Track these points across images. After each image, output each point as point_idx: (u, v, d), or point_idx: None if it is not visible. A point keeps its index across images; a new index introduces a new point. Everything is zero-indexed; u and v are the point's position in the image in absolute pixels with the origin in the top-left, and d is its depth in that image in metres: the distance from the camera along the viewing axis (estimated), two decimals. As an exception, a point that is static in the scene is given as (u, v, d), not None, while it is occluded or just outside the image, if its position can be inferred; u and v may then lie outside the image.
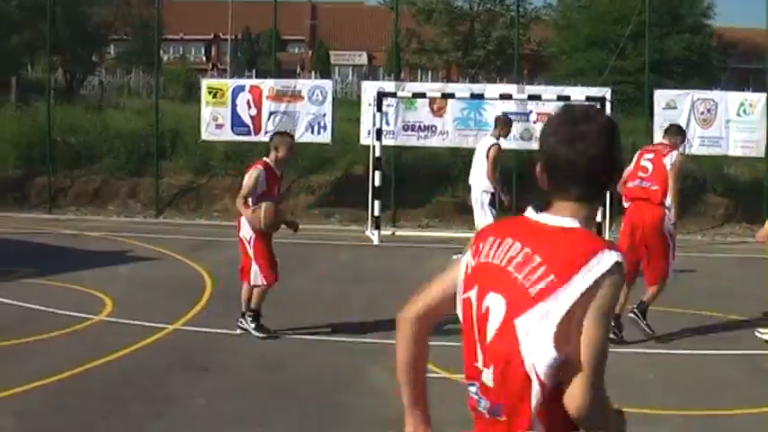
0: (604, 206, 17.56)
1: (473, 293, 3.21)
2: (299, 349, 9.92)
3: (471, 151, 20.99)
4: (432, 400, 3.54)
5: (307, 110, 20.90)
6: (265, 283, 10.23)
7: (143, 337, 10.13)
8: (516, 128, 20.10)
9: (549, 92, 20.72)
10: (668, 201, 10.71)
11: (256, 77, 29.32)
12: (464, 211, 21.34)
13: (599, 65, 32.93)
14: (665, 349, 10.22)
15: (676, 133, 11.64)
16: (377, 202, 18.63)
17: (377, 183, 18.64)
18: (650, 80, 22.23)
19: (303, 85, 21.88)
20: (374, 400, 8.12)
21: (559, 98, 19.66)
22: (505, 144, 20.32)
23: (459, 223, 20.86)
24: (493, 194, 15.16)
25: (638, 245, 10.68)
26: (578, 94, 20.11)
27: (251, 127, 20.95)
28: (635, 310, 10.70)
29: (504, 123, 15.64)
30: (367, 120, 20.13)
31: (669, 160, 10.79)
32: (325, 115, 20.93)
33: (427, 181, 22.20)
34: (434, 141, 20.93)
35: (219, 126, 21.06)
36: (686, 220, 21.01)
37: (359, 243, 18.38)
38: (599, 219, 17.59)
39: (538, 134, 15.63)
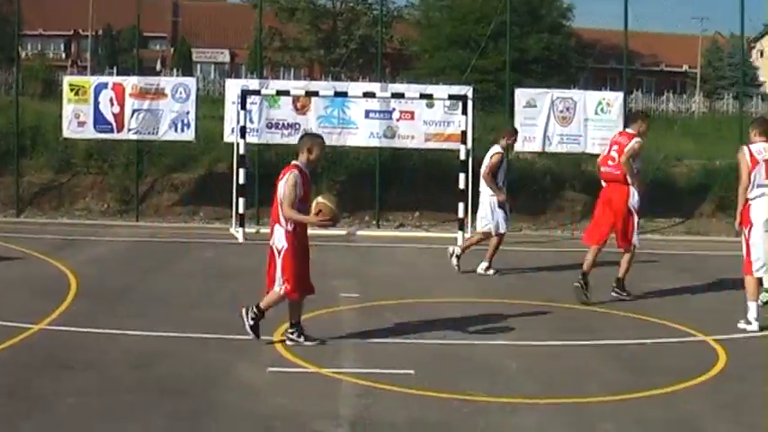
0: (466, 203, 17.91)
1: None
2: (165, 347, 9.84)
3: (335, 149, 21.22)
4: (298, 394, 3.59)
5: (170, 107, 20.68)
6: (287, 293, 9.84)
7: (8, 337, 9.90)
8: (379, 126, 20.31)
9: (411, 90, 20.91)
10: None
11: (118, 75, 28.88)
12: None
13: (461, 64, 33.40)
14: (529, 340, 10.45)
15: (635, 120, 13.55)
16: (241, 200, 18.59)
17: (241, 180, 18.60)
18: (511, 79, 22.62)
19: (167, 82, 21.63)
20: (243, 396, 8.15)
21: (422, 96, 19.90)
22: (366, 141, 20.62)
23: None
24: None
25: (610, 217, 12.90)
26: (441, 92, 20.36)
27: (114, 125, 20.63)
28: (616, 289, 13.02)
29: (510, 134, 15.92)
30: (230, 117, 20.05)
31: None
32: (188, 113, 20.74)
33: (291, 178, 22.19)
34: (298, 139, 20.85)
35: (81, 123, 20.67)
36: (547, 216, 21.50)
37: (223, 241, 18.32)
38: (460, 215, 17.95)
39: (401, 132, 16.09)
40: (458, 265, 15.12)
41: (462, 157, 18.51)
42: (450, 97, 19.67)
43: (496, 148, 15.31)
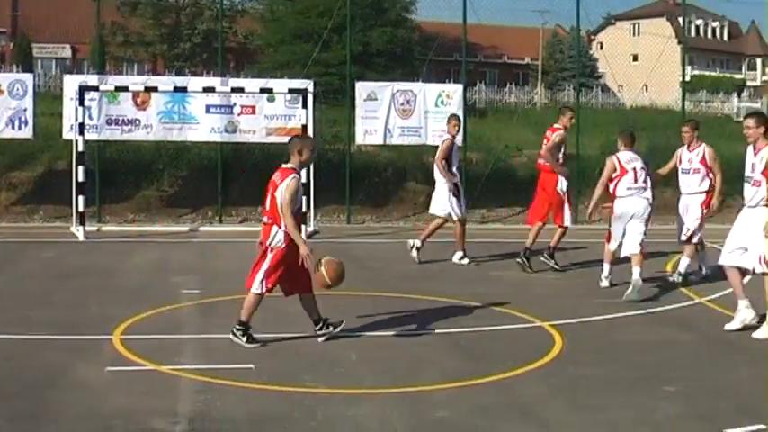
0: (308, 197, 17.90)
1: None
2: (3, 349, 9.57)
3: (177, 144, 20.99)
4: (137, 392, 3.52)
5: (6, 104, 20.16)
6: (260, 292, 9.80)
7: None
8: (220, 121, 20.15)
9: (252, 84, 20.80)
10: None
11: (-50, 71, 27.98)
12: (170, 205, 21.23)
13: (304, 57, 33.31)
14: (370, 331, 10.50)
15: (563, 114, 15.45)
16: (81, 198, 18.20)
17: (80, 178, 18.22)
18: (352, 72, 22.69)
19: (3, 78, 21.05)
20: (82, 396, 7.99)
21: (262, 90, 19.84)
22: (207, 137, 20.43)
23: (164, 217, 20.73)
24: (455, 185, 15.58)
25: (545, 201, 14.95)
26: (281, 86, 20.30)
27: (-52, 122, 20.00)
28: (545, 255, 14.97)
29: (455, 121, 16.17)
30: (69, 114, 19.62)
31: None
32: (26, 110, 20.24)
33: (132, 175, 21.91)
34: (139, 135, 20.61)
35: None
36: (389, 208, 21.65)
37: (64, 240, 17.95)
38: (304, 209, 17.92)
39: (242, 126, 16.01)
40: (418, 258, 15.34)
41: (304, 150, 18.39)
42: (291, 91, 19.65)
43: (446, 135, 15.72)
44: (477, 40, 63.36)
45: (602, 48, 77.41)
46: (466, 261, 15.34)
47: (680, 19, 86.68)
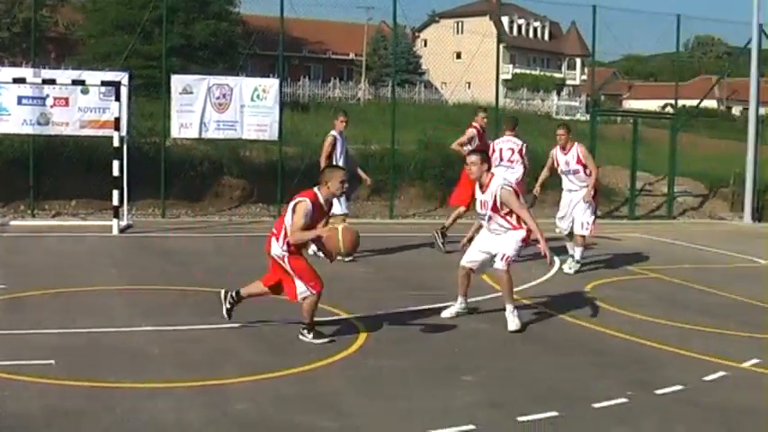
0: (121, 191, 17.61)
1: None
2: None
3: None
4: None
5: None
6: (314, 291, 9.72)
7: None
8: (32, 112, 19.64)
9: (64, 76, 20.27)
10: None
11: None
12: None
13: (126, 49, 32.74)
14: (174, 325, 10.45)
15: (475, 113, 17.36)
16: None
17: None
18: (172, 64, 22.42)
19: None
20: None
21: (75, 82, 19.41)
22: (19, 129, 19.87)
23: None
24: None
25: (469, 186, 14.57)
26: (94, 78, 19.87)
27: None
28: (438, 232, 16.68)
29: (342, 117, 15.99)
30: None
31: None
32: None
33: None
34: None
35: None
36: (205, 203, 21.49)
37: None
38: (115, 202, 17.66)
39: (55, 119, 15.64)
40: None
41: (116, 144, 18.11)
42: (104, 84, 19.27)
43: (331, 132, 15.64)
44: (302, 34, 63.46)
45: (426, 45, 78.52)
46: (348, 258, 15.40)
47: (504, 18, 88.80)
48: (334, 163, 15.20)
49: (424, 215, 21.78)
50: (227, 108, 20.41)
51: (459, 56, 62.87)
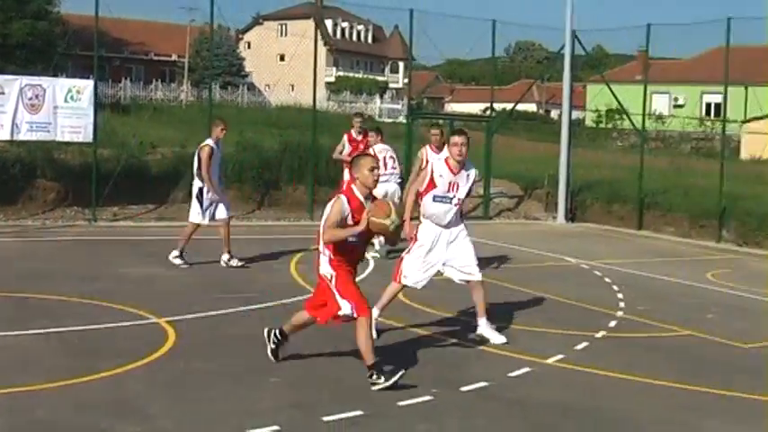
0: None
1: None
2: None
3: None
4: None
5: None
6: (358, 315, 8.85)
7: None
8: None
9: None
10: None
11: None
12: None
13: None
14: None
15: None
16: None
17: None
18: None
19: None
20: None
21: None
22: None
23: None
24: (201, 189, 15.16)
25: None
26: None
27: None
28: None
29: (221, 125, 15.40)
30: None
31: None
32: None
33: None
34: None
35: None
36: (18, 206, 20.95)
37: None
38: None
39: None
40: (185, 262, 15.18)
41: None
42: None
43: (207, 141, 15.19)
44: (123, 35, 62.52)
45: (249, 47, 78.32)
46: (235, 263, 15.22)
47: (328, 21, 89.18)
48: (208, 174, 15.04)
49: (242, 217, 21.73)
50: (39, 109, 19.88)
51: (282, 58, 62.92)
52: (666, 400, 8.95)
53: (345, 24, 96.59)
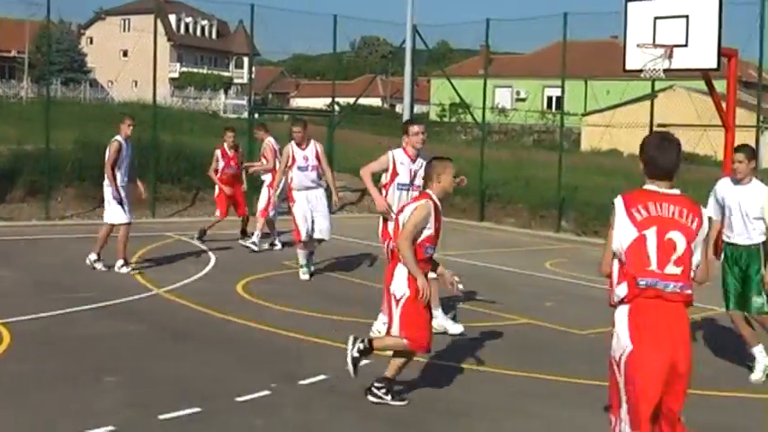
0: None
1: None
2: None
3: None
4: None
5: None
6: (415, 349, 8.36)
7: None
8: None
9: None
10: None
11: None
12: None
13: None
14: None
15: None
16: None
17: None
18: None
19: None
20: None
21: None
22: None
23: None
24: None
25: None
26: None
27: None
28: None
29: (128, 120, 14.77)
30: None
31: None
32: None
33: None
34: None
35: None
36: None
37: None
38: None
39: None
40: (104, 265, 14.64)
41: None
42: None
43: (116, 137, 14.57)
44: (-41, 31, 60.66)
45: (92, 42, 76.87)
46: (126, 269, 14.61)
47: (172, 16, 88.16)
48: (116, 170, 14.47)
49: (83, 216, 21.30)
50: None
51: (125, 54, 61.98)
52: (505, 388, 9.13)
53: (189, 19, 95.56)
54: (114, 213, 14.61)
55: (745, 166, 9.74)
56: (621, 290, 5.79)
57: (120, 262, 14.56)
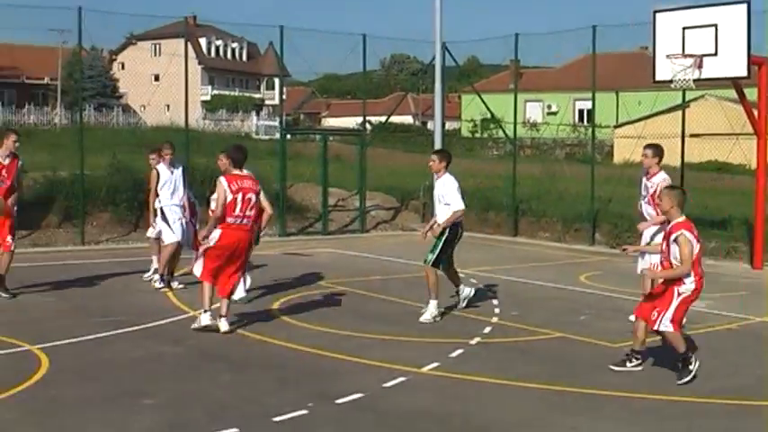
0: None
1: None
2: None
3: None
4: None
5: None
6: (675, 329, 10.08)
7: None
8: None
9: None
10: None
11: None
12: None
13: None
14: None
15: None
16: None
17: None
18: None
19: None
20: None
21: None
22: None
23: None
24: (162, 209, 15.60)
25: None
26: None
27: None
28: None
29: (166, 151, 15.76)
30: None
31: None
32: None
33: None
34: None
35: None
36: None
37: None
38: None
39: None
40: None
41: None
42: None
43: (158, 166, 15.71)
44: (-8, 58, 61.28)
45: (123, 68, 77.38)
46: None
47: (202, 40, 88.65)
48: (152, 196, 15.63)
49: (117, 240, 21.45)
50: None
51: (157, 78, 62.27)
52: (536, 402, 9.12)
53: (219, 42, 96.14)
54: (164, 233, 15.60)
55: None
56: None
57: (156, 277, 15.44)
